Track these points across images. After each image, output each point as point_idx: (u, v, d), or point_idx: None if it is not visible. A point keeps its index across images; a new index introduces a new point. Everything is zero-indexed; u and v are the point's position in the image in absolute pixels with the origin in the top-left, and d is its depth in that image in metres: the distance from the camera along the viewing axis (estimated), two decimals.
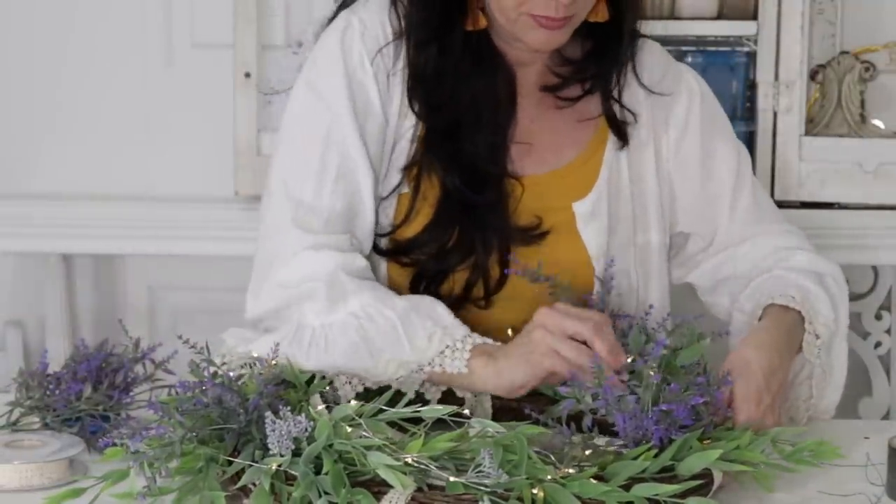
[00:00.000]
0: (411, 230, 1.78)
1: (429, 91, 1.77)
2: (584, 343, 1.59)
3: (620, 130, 1.84)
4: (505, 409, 1.65)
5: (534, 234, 1.79)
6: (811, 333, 1.74)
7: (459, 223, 1.76)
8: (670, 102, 1.87)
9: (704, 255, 1.91)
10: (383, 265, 1.79)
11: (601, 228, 1.81)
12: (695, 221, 1.90)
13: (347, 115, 1.75)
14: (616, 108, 1.84)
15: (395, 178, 1.78)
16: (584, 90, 1.83)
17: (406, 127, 1.79)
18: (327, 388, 1.56)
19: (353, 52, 1.77)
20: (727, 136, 1.92)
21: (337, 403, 1.51)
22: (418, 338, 1.65)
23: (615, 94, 1.84)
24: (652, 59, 1.88)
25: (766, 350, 1.65)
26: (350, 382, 1.65)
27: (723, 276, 1.89)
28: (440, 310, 1.69)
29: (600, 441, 1.47)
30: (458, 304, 1.76)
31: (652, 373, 1.49)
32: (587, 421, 1.49)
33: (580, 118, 1.84)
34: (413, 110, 1.78)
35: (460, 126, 1.77)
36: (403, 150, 1.79)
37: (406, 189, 1.78)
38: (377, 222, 1.78)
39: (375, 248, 1.79)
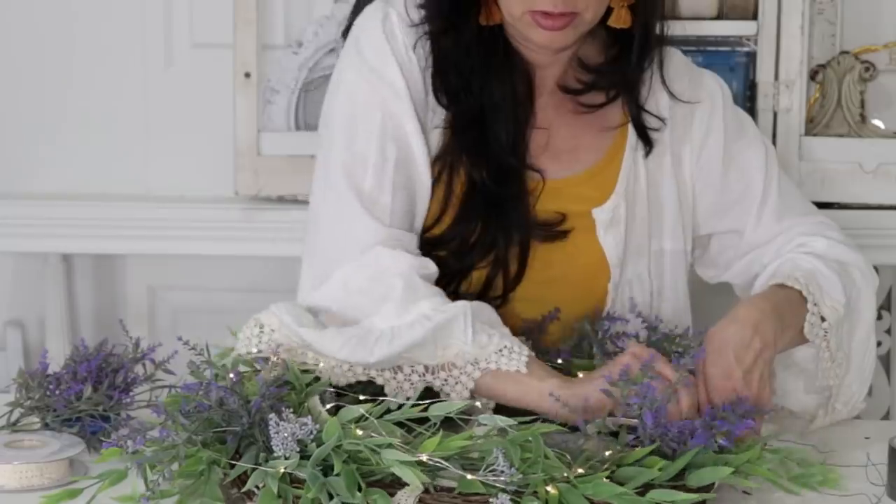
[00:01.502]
0: (440, 228, 1.78)
1: (448, 80, 1.77)
2: None
3: (648, 137, 1.83)
4: (500, 408, 1.65)
5: (555, 231, 1.79)
6: (815, 315, 1.71)
7: (483, 217, 1.76)
8: (692, 109, 1.86)
9: (734, 254, 1.90)
10: None
11: (619, 235, 1.82)
12: (716, 224, 1.90)
13: (406, 106, 1.75)
14: (643, 115, 1.83)
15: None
16: (608, 98, 1.83)
17: (437, 120, 1.79)
18: (326, 391, 1.55)
19: (398, 40, 1.77)
20: (752, 136, 1.91)
21: (337, 406, 1.50)
22: (480, 333, 1.62)
23: (642, 101, 1.83)
24: (675, 67, 1.87)
25: (741, 324, 1.63)
26: (395, 377, 1.62)
27: (753, 273, 1.87)
28: (496, 316, 1.68)
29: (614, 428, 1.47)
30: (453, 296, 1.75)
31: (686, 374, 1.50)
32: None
33: (601, 126, 1.84)
34: (437, 100, 1.78)
35: (484, 115, 1.76)
36: (434, 143, 1.79)
37: (437, 186, 1.78)
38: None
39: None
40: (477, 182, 1.76)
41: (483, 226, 1.76)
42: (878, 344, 2.64)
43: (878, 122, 2.54)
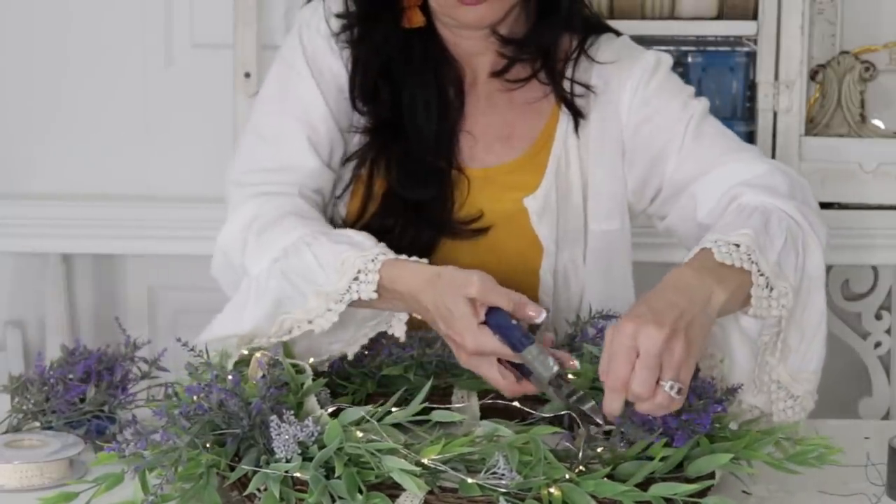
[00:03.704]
0: (360, 225, 1.80)
1: (366, 86, 1.83)
2: None
3: (574, 107, 1.85)
4: (492, 410, 1.65)
5: (475, 229, 1.81)
6: (759, 286, 1.53)
7: (402, 216, 1.79)
8: (622, 82, 1.86)
9: (661, 203, 1.85)
10: None
11: (553, 222, 1.83)
12: (644, 183, 1.86)
13: (304, 71, 1.83)
14: (566, 83, 1.85)
15: (347, 173, 1.83)
16: (534, 70, 1.85)
17: (357, 122, 1.84)
18: (322, 392, 1.54)
19: (314, 26, 1.85)
20: (684, 96, 1.86)
21: (337, 407, 1.49)
22: (331, 266, 1.61)
23: (565, 70, 1.85)
24: (613, 44, 1.89)
25: (661, 287, 1.47)
26: (290, 331, 1.61)
27: (693, 220, 1.79)
28: (356, 236, 1.66)
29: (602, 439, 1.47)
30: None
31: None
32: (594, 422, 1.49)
33: (534, 114, 1.86)
34: (355, 106, 1.83)
35: (404, 119, 1.81)
36: (354, 146, 1.84)
37: (357, 185, 1.82)
38: (335, 217, 1.83)
39: None
40: (393, 184, 1.80)
41: (403, 225, 1.79)
42: (878, 344, 2.65)
43: (878, 122, 2.54)
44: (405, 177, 1.80)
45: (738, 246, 1.52)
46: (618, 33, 1.92)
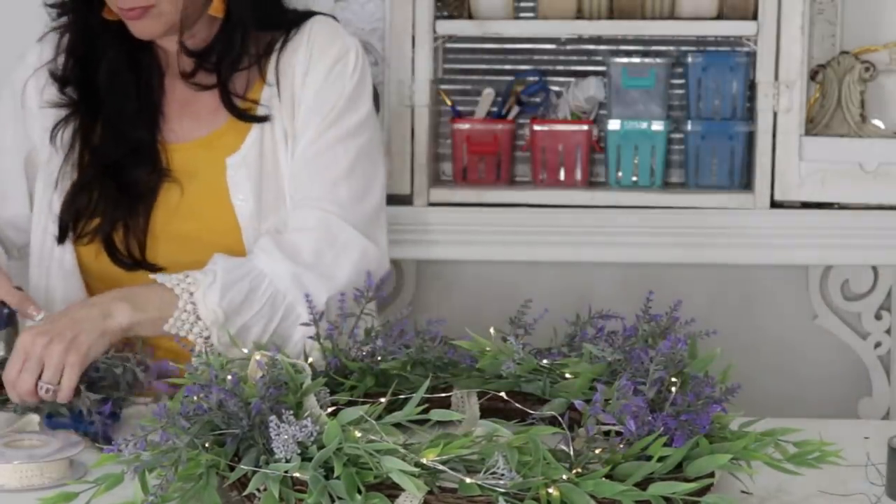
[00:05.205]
0: (71, 196, 1.93)
1: (67, 68, 1.95)
2: None
3: (241, 114, 1.93)
4: (492, 410, 1.65)
5: (170, 177, 1.92)
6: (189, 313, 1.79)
7: (101, 180, 1.91)
8: (316, 61, 1.94)
9: None
10: (69, 254, 1.94)
11: (249, 177, 1.90)
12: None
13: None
14: (236, 100, 1.93)
15: (55, 165, 1.95)
16: (213, 82, 1.93)
17: (59, 117, 1.96)
18: (321, 391, 1.55)
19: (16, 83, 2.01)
20: (343, 101, 1.96)
21: (335, 406, 1.50)
22: None
23: (240, 88, 1.94)
24: (315, 36, 1.96)
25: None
26: None
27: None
28: None
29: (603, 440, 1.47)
30: (134, 269, 1.91)
31: (657, 368, 1.48)
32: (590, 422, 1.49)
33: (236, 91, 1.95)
34: (61, 90, 1.94)
35: (102, 103, 1.93)
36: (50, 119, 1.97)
37: (69, 158, 1.95)
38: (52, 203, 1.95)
39: (61, 241, 1.94)
40: (100, 154, 1.93)
41: (103, 190, 1.91)
42: (878, 344, 2.65)
43: (878, 122, 2.54)
44: (106, 146, 1.93)
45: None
46: (332, 17, 2.01)
